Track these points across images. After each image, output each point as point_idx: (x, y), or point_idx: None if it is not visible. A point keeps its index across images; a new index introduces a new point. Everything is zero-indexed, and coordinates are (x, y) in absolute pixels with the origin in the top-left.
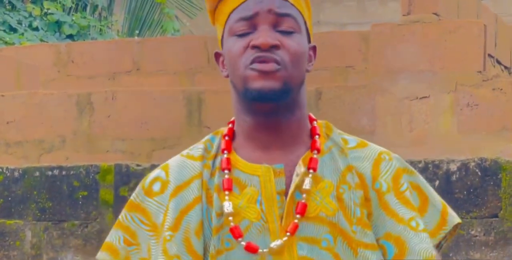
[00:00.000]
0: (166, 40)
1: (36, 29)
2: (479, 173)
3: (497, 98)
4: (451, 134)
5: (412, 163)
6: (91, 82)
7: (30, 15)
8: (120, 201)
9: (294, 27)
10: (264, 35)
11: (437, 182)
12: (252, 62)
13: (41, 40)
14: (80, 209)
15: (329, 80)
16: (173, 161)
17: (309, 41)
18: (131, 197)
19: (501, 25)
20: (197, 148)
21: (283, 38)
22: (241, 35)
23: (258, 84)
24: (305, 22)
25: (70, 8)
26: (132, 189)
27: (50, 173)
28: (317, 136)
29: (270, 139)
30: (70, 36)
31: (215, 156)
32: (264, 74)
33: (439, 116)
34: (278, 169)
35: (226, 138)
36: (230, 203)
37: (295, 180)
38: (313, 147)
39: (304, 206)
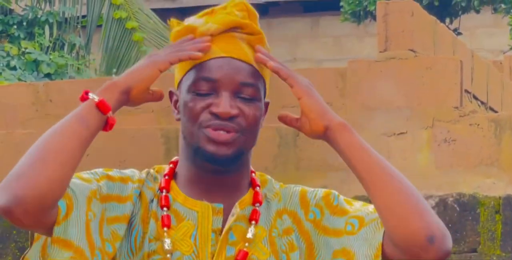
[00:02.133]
0: None
1: (14, 68)
2: (457, 209)
3: (474, 133)
4: (429, 169)
5: None
6: None
7: (8, 55)
8: None
9: (255, 95)
10: (225, 104)
11: None
12: (209, 127)
13: (19, 79)
14: None
15: None
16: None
17: (265, 97)
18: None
19: (477, 60)
20: (137, 173)
21: (243, 106)
22: (201, 95)
23: (211, 148)
24: (265, 85)
25: (48, 47)
26: None
27: None
28: (258, 188)
29: (212, 187)
30: (48, 75)
31: (156, 190)
32: (220, 143)
33: (416, 152)
34: (218, 208)
35: (166, 177)
36: (170, 240)
37: (231, 220)
38: (256, 199)
39: (245, 254)
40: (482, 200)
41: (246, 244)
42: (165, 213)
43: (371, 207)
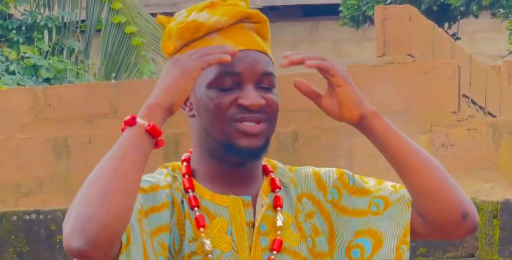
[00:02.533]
0: (142, 83)
1: (13, 73)
2: None
3: (472, 138)
4: None
5: None
6: (68, 126)
7: (7, 59)
8: None
9: (273, 83)
10: (252, 96)
11: None
12: (240, 120)
13: (18, 84)
14: (57, 253)
15: (305, 121)
16: (148, 177)
17: None
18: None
19: (476, 65)
20: (160, 174)
21: (266, 95)
22: (225, 90)
23: (245, 142)
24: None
25: (47, 51)
26: None
27: (27, 217)
28: (272, 174)
29: (234, 180)
30: (47, 80)
31: (181, 189)
32: (251, 135)
33: None
34: (247, 201)
35: (186, 176)
36: (209, 241)
37: (261, 211)
38: (274, 185)
39: (280, 242)
40: (480, 205)
41: (278, 232)
42: (197, 213)
43: (389, 185)
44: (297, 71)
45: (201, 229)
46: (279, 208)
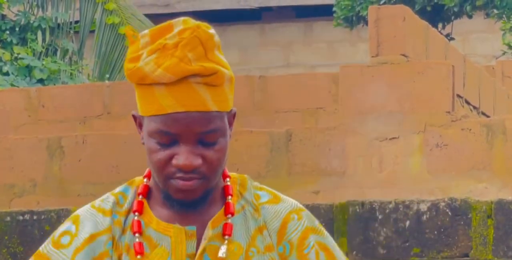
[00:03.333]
0: None
1: (7, 74)
2: (449, 213)
3: (466, 138)
4: (421, 174)
5: (382, 203)
6: (62, 126)
7: (0, 60)
8: None
9: (218, 137)
10: (186, 156)
11: (407, 223)
12: (174, 178)
13: (12, 85)
14: None
15: (299, 122)
16: (84, 213)
17: (230, 113)
18: (40, 248)
19: (469, 65)
20: (106, 201)
21: (205, 151)
22: (163, 145)
23: (181, 196)
24: (229, 112)
25: (41, 52)
26: None
27: (21, 217)
28: (229, 197)
29: (185, 209)
30: (41, 81)
31: (128, 213)
32: (185, 191)
33: (408, 157)
34: (190, 232)
35: (140, 197)
36: None
37: (203, 244)
38: (227, 211)
39: None
40: (474, 205)
41: None
42: (137, 240)
43: None
44: (290, 72)
45: (139, 257)
46: (226, 237)
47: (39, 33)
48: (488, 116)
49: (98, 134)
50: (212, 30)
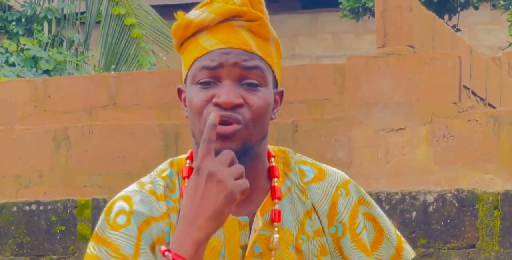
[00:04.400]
0: (142, 74)
1: (13, 64)
2: (456, 204)
3: (473, 129)
4: (428, 165)
5: (389, 194)
6: (68, 117)
7: (7, 51)
8: None
9: (260, 80)
10: (227, 93)
11: (414, 213)
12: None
13: (18, 76)
14: (57, 244)
15: (305, 113)
16: (135, 194)
17: (276, 87)
18: (96, 229)
19: (476, 56)
20: (157, 184)
21: (247, 94)
22: (204, 85)
23: (216, 145)
24: (273, 71)
25: (47, 43)
26: None
27: (27, 208)
28: (275, 180)
29: None
30: (47, 72)
31: (179, 201)
32: (223, 136)
33: (415, 148)
34: (244, 222)
35: (186, 181)
36: None
37: (254, 235)
38: (273, 195)
39: None
40: (480, 196)
41: (273, 252)
42: None
43: (392, 243)
44: (295, 63)
45: None
46: (275, 224)
47: (45, 24)
48: (494, 107)
49: (104, 125)
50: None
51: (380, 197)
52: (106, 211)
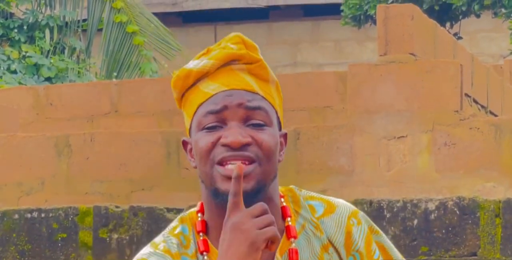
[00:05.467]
0: (144, 82)
1: (15, 72)
2: (457, 212)
3: (474, 137)
4: (429, 173)
5: (390, 202)
6: (70, 125)
7: (9, 58)
8: (99, 243)
9: (265, 120)
10: (234, 133)
11: (415, 221)
12: (223, 162)
13: (20, 83)
14: (59, 251)
15: (307, 120)
16: (150, 256)
17: (280, 129)
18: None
19: (477, 64)
20: (170, 243)
21: (255, 133)
22: (210, 130)
23: (227, 186)
24: (276, 112)
25: (48, 51)
26: (111, 231)
27: (29, 215)
28: (289, 219)
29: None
30: (49, 79)
31: (196, 254)
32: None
33: (416, 156)
34: None
35: (201, 235)
36: None
37: None
38: (289, 234)
39: None
40: (482, 204)
41: None
42: None
43: None
44: (297, 71)
45: None
46: None
47: (47, 32)
48: (496, 115)
49: (106, 132)
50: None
51: (382, 204)
52: None
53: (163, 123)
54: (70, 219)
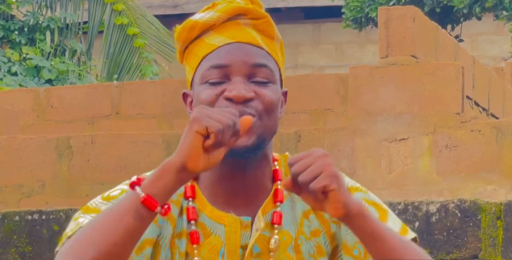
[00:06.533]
0: (145, 84)
1: (15, 74)
2: (458, 214)
3: (475, 139)
4: (430, 175)
5: (391, 204)
6: (70, 127)
7: (9, 60)
8: None
9: (269, 78)
10: (238, 87)
11: (416, 224)
12: None
13: (20, 85)
14: None
15: (308, 123)
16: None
17: (281, 87)
18: (88, 203)
19: (479, 67)
20: None
21: (258, 88)
22: (214, 84)
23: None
24: (279, 69)
25: (49, 53)
26: None
27: (29, 217)
28: (279, 182)
29: (235, 186)
30: (49, 81)
31: (182, 196)
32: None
33: (418, 158)
34: (246, 222)
35: (190, 181)
36: (199, 259)
37: (255, 236)
38: (276, 198)
39: None
40: (483, 206)
41: (271, 254)
42: (193, 228)
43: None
44: (298, 73)
45: (195, 246)
46: (276, 226)
47: (48, 34)
48: (497, 118)
49: (106, 134)
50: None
51: None
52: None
53: (163, 125)
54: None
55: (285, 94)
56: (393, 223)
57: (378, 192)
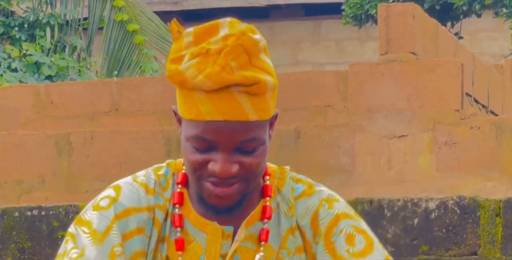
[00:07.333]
0: (145, 80)
1: (15, 70)
2: (457, 211)
3: (475, 136)
4: (430, 172)
5: (391, 201)
6: (70, 123)
7: (9, 56)
8: None
9: (257, 144)
10: (223, 164)
11: (416, 220)
12: (209, 181)
13: (20, 81)
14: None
15: (308, 120)
16: (126, 186)
17: (272, 123)
18: (80, 214)
19: (479, 64)
20: (150, 178)
21: (244, 158)
22: (200, 150)
23: (215, 202)
24: (271, 118)
25: (49, 49)
26: None
27: (29, 213)
28: (268, 199)
29: (219, 209)
30: (49, 77)
31: (170, 201)
32: (221, 197)
33: (417, 155)
34: (227, 232)
35: (179, 187)
36: None
37: (235, 246)
38: (264, 214)
39: None
40: (482, 203)
41: None
42: (178, 235)
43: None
44: (298, 70)
45: (179, 253)
46: (263, 243)
47: (48, 30)
48: (496, 115)
49: (106, 131)
50: (257, 36)
51: (382, 203)
52: (96, 197)
53: (163, 122)
54: (70, 217)
55: (275, 116)
56: (378, 253)
57: (377, 188)
